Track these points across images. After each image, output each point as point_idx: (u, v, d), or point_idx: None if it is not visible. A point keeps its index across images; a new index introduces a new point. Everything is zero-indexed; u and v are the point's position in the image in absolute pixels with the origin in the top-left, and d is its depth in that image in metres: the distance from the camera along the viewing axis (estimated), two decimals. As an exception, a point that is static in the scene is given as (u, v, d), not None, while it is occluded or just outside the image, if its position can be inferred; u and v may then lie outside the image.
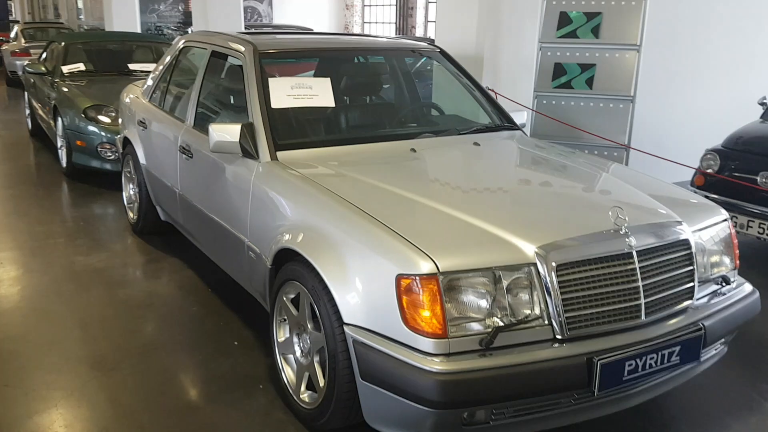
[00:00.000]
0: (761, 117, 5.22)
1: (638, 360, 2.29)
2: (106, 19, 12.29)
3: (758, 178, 4.46)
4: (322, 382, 2.53)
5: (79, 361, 3.14)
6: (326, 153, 3.12)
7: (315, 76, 3.78)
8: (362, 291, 2.31)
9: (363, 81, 3.92)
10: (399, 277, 2.18)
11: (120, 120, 5.33)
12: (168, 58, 4.62)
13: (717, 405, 2.89)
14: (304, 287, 2.55)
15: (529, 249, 2.26)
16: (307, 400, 2.65)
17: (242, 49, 3.50)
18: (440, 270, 2.15)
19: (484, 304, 2.20)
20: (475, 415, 2.21)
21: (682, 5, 5.79)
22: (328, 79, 3.41)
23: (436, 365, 2.10)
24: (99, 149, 6.14)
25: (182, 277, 4.16)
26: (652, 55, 5.26)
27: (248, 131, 3.11)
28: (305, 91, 3.31)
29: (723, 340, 2.70)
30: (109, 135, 6.11)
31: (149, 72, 5.36)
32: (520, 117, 3.88)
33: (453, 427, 2.21)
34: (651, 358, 2.32)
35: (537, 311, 2.24)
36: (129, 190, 5.01)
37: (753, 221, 4.44)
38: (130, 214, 5.02)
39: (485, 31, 5.37)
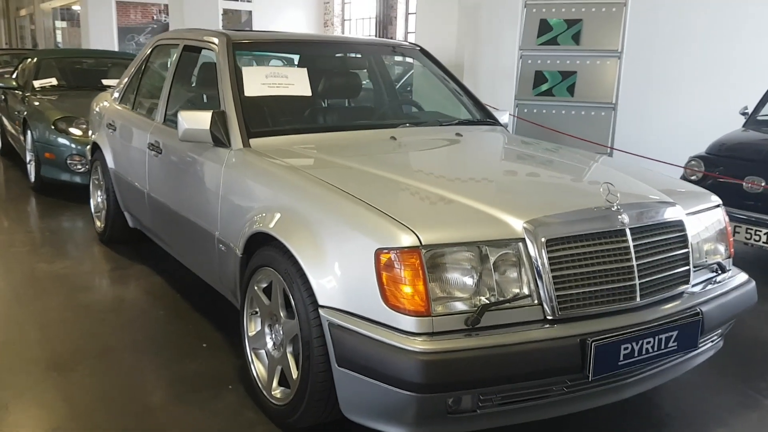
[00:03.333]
0: (743, 126, 5.18)
1: (634, 344, 2.14)
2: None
3: (744, 183, 4.39)
4: (295, 374, 2.34)
5: (34, 362, 2.92)
6: (301, 140, 2.98)
7: (291, 69, 3.65)
8: (339, 271, 2.14)
9: (341, 76, 3.80)
10: (378, 252, 2.02)
11: (90, 130, 5.16)
12: (139, 60, 4.47)
13: (713, 403, 2.74)
14: (277, 272, 2.38)
15: (517, 224, 2.12)
16: (278, 395, 2.46)
17: (215, 40, 3.37)
18: (422, 243, 1.99)
19: (469, 281, 2.04)
20: (461, 403, 2.03)
21: (662, 12, 5.79)
22: (305, 69, 3.28)
23: (419, 345, 1.93)
24: (68, 161, 5.94)
25: (149, 282, 3.96)
26: (633, 63, 5.22)
27: (220, 119, 2.96)
28: (281, 80, 3.17)
29: (719, 331, 2.57)
30: (79, 147, 5.91)
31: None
32: (503, 117, 3.77)
33: (437, 415, 2.03)
34: (648, 343, 2.17)
35: (526, 290, 2.09)
36: (97, 198, 4.81)
37: (740, 226, 4.35)
38: (98, 223, 4.81)
39: (465, 39, 5.31)
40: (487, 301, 2.03)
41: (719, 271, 2.59)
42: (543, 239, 2.09)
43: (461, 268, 2.04)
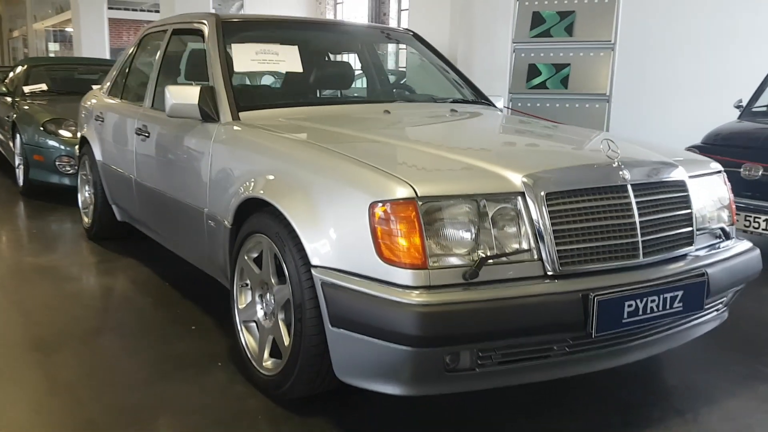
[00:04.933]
0: (738, 118, 5.15)
1: (638, 301, 2.06)
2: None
3: (741, 170, 4.34)
4: (287, 341, 2.25)
5: (17, 344, 2.82)
6: (292, 112, 2.91)
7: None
8: (331, 229, 2.06)
9: (333, 58, 3.74)
10: (373, 205, 1.95)
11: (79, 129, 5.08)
12: (127, 53, 4.42)
13: (719, 375, 2.65)
14: (268, 236, 2.29)
15: (516, 178, 2.05)
16: (270, 366, 2.36)
17: (204, 20, 3.31)
18: (418, 195, 1.92)
19: (467, 236, 1.96)
20: (460, 360, 1.94)
21: (656, 3, 5.78)
22: (296, 47, 3.22)
23: (415, 297, 1.84)
24: (57, 163, 5.86)
25: (137, 273, 3.86)
26: (627, 54, 5.20)
27: (208, 94, 2.90)
28: (271, 57, 3.12)
29: (725, 299, 2.49)
30: (68, 148, 5.84)
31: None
32: (498, 103, 3.72)
33: (435, 373, 1.94)
34: (652, 301, 2.09)
35: (525, 245, 2.01)
36: (84, 193, 4.72)
37: (739, 214, 4.29)
38: (85, 219, 4.71)
39: (458, 34, 5.28)
40: (485, 255, 1.95)
41: (723, 237, 2.52)
42: (542, 193, 2.02)
43: (458, 222, 1.96)
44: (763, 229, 4.21)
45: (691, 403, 2.42)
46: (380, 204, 1.94)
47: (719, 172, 2.64)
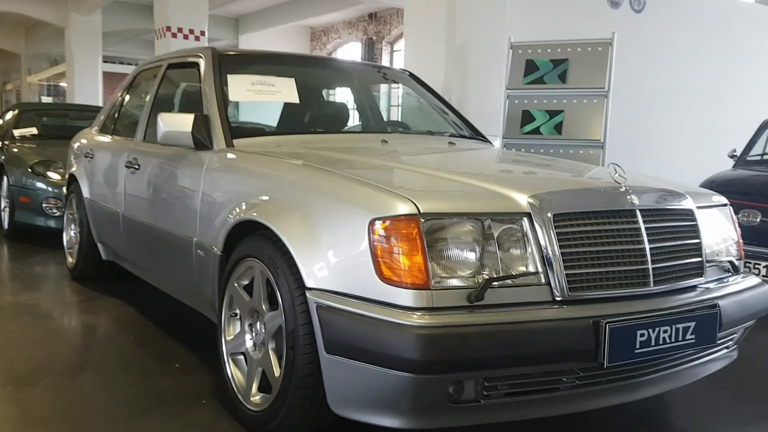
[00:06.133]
0: (733, 167, 5.15)
1: (651, 331, 1.95)
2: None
3: (739, 216, 4.29)
4: (277, 372, 2.11)
5: (-11, 379, 2.66)
6: (287, 140, 2.84)
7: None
8: (328, 248, 1.96)
9: (330, 93, 3.70)
10: (372, 222, 1.85)
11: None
12: (120, 89, 4.37)
13: (731, 418, 2.52)
14: (260, 260, 2.18)
15: (522, 198, 1.96)
16: (258, 401, 2.21)
17: (201, 53, 3.27)
18: (421, 212, 1.83)
19: (471, 256, 1.86)
20: (464, 390, 1.82)
21: (648, 52, 5.85)
22: (293, 79, 3.17)
23: (417, 319, 1.73)
24: (44, 205, 5.75)
25: (120, 312, 3.70)
26: (621, 101, 5.21)
27: (202, 121, 2.83)
28: (267, 88, 3.07)
29: (735, 336, 2.39)
30: (55, 190, 5.74)
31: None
32: (495, 142, 3.69)
33: (437, 405, 1.81)
34: (665, 331, 1.98)
35: (532, 268, 1.91)
36: (70, 232, 4.59)
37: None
38: (69, 259, 4.57)
39: (452, 80, 5.29)
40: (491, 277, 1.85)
41: (732, 272, 2.43)
42: (549, 214, 1.94)
43: (462, 241, 1.87)
44: (763, 276, 4.13)
45: (705, 445, 2.29)
46: (380, 221, 1.84)
47: (725, 205, 2.57)
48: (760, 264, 4.14)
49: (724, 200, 2.60)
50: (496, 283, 1.84)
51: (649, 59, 5.97)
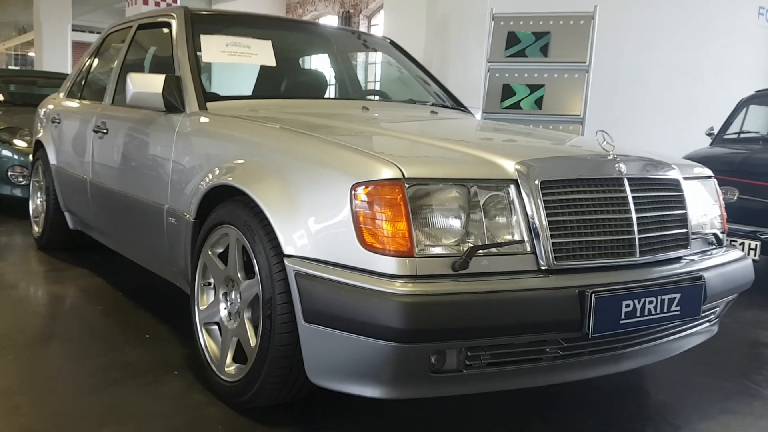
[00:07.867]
0: (710, 145, 5.15)
1: (636, 301, 1.91)
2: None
3: (716, 193, 4.28)
4: (253, 342, 2.04)
5: (-52, 348, 2.54)
6: (264, 104, 2.74)
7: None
8: (307, 214, 1.88)
9: (308, 58, 3.59)
10: (354, 187, 1.77)
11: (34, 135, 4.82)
12: (88, 53, 4.21)
13: (712, 392, 2.51)
14: (236, 227, 2.10)
15: (509, 165, 1.90)
16: (232, 371, 2.14)
17: (173, 13, 3.13)
18: (405, 176, 1.75)
19: (456, 224, 1.80)
20: (446, 360, 1.76)
21: (630, 25, 5.81)
22: (269, 41, 3.06)
23: (400, 287, 1.66)
24: (9, 173, 5.56)
25: (88, 282, 3.59)
26: (601, 77, 5.16)
27: (173, 83, 2.71)
28: (242, 50, 2.95)
29: (717, 309, 2.37)
30: (21, 158, 5.55)
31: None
32: (476, 114, 3.62)
33: (419, 374, 1.76)
34: (650, 302, 1.94)
35: (518, 237, 1.85)
36: (36, 200, 4.44)
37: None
38: (35, 228, 4.42)
39: (432, 52, 5.19)
40: (476, 245, 1.79)
41: (715, 244, 2.41)
42: (537, 181, 1.87)
43: (447, 208, 1.80)
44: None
45: (687, 418, 2.28)
46: (363, 186, 1.77)
47: (710, 177, 2.54)
48: (736, 241, 4.14)
49: (709, 172, 2.56)
50: (481, 251, 1.78)
51: (629, 34, 5.93)
